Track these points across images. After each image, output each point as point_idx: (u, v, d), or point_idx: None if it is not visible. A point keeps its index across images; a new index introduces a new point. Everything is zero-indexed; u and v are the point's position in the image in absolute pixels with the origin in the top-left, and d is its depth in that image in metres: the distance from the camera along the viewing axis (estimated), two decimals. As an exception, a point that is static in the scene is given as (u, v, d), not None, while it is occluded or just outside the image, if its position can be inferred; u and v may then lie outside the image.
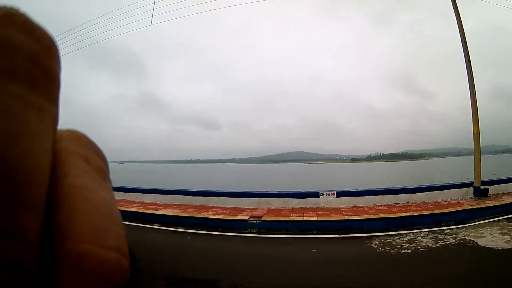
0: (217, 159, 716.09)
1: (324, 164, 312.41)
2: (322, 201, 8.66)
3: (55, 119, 0.14)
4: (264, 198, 9.00)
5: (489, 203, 7.94)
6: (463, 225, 6.50)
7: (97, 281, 0.13)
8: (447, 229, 6.24)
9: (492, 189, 9.18)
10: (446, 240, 5.50)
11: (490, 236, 5.58)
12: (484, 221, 6.69)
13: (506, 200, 8.18)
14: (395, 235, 6.03)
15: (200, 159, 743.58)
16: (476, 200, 8.60)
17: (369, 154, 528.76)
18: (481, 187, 9.06)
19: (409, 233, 6.12)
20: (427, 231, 6.22)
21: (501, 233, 5.71)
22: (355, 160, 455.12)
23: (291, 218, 7.28)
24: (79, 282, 0.13)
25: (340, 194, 8.83)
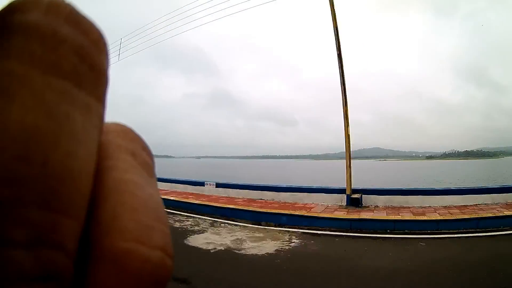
0: (294, 155, 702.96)
1: (400, 161, 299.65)
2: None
3: (101, 118, 0.13)
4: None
5: (343, 215, 7.28)
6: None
7: (140, 281, 0.12)
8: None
9: (374, 199, 8.42)
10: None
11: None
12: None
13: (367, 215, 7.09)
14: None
15: (277, 155, 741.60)
16: (345, 209, 8.11)
17: (444, 151, 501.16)
18: (352, 196, 8.38)
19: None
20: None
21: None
22: (430, 157, 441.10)
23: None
24: (121, 281, 0.12)
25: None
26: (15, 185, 0.10)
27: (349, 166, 8.51)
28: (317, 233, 6.22)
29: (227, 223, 7.07)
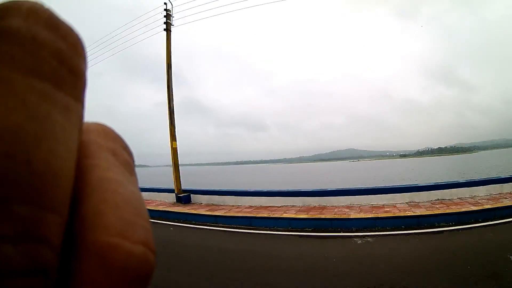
0: (269, 159, 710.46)
1: (373, 161, 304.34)
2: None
3: (81, 118, 0.13)
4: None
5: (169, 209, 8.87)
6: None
7: (123, 274, 0.13)
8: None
9: (199, 198, 9.84)
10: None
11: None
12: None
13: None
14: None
15: (251, 160, 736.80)
16: (175, 205, 9.52)
17: (418, 149, 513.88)
18: (179, 195, 9.87)
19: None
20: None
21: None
22: (404, 155, 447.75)
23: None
24: (105, 275, 0.12)
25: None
26: (2, 182, 0.10)
27: (176, 170, 10.09)
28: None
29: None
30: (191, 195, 9.90)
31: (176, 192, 10.00)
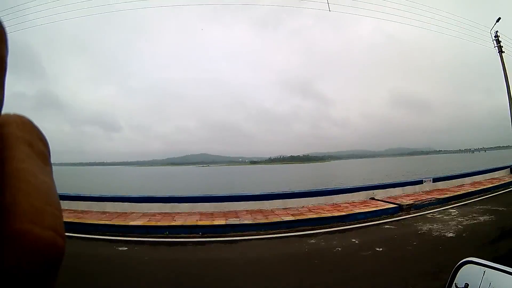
0: (122, 161, 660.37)
1: (224, 166, 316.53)
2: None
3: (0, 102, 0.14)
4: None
5: None
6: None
7: (36, 257, 0.14)
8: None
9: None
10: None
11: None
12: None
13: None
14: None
15: (105, 161, 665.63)
16: None
17: (269, 156, 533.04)
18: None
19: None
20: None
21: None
22: (254, 162, 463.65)
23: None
24: (20, 258, 0.14)
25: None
26: None
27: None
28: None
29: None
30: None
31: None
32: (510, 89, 15.82)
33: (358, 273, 4.05)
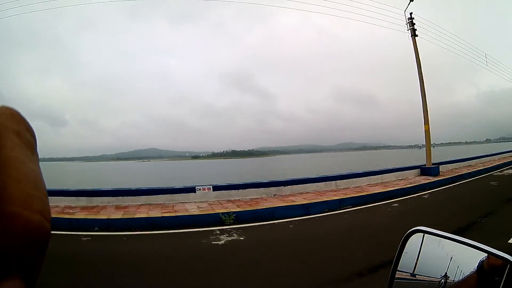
0: (69, 157, 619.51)
1: (165, 161, 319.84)
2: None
3: None
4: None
5: None
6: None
7: (25, 238, 0.16)
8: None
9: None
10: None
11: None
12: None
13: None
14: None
15: (53, 157, 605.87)
16: None
17: (212, 151, 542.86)
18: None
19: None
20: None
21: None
22: (195, 157, 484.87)
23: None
24: (10, 239, 0.15)
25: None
26: None
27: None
28: None
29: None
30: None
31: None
32: (423, 79, 13.16)
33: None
